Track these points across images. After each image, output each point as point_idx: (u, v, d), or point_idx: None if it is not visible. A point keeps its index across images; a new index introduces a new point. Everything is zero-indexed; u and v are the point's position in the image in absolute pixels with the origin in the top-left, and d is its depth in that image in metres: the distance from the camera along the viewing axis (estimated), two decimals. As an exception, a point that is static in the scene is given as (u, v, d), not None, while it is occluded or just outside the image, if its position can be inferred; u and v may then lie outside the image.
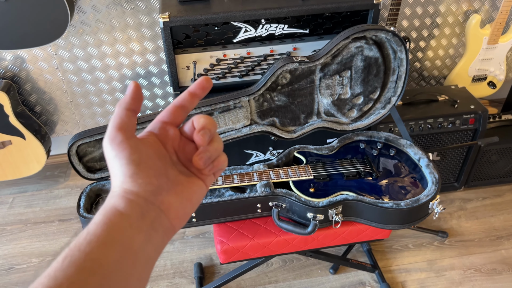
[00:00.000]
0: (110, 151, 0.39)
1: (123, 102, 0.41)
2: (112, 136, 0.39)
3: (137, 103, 0.42)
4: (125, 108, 0.41)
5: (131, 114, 0.41)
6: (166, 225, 0.40)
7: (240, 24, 1.51)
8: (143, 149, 0.40)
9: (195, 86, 0.46)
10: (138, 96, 0.42)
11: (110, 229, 0.36)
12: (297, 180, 1.31)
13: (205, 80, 0.46)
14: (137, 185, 0.39)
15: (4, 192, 2.15)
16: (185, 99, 0.45)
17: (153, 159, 0.41)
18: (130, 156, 0.39)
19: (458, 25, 2.20)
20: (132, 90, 0.42)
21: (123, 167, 0.39)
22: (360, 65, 1.40)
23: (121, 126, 0.40)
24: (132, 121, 0.41)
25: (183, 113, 0.45)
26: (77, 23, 1.92)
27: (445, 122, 1.81)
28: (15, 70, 2.00)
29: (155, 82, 2.16)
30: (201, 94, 0.46)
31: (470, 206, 2.04)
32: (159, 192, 0.40)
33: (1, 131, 1.88)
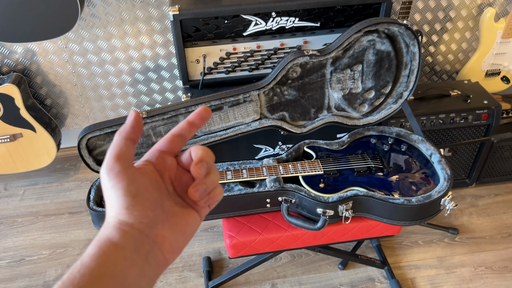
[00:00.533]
0: (108, 181, 0.39)
1: (123, 132, 0.41)
2: (110, 166, 0.39)
3: (136, 132, 0.42)
4: (124, 137, 0.41)
5: (130, 143, 0.41)
6: (159, 258, 0.39)
7: (250, 17, 1.50)
8: (140, 180, 0.40)
9: (193, 116, 0.46)
10: (138, 126, 0.42)
11: (103, 262, 0.35)
12: (307, 175, 1.30)
13: (204, 110, 0.46)
14: (132, 217, 0.38)
15: (15, 185, 2.17)
16: (183, 128, 0.45)
17: (149, 191, 0.40)
18: (127, 187, 0.39)
19: (472, 19, 2.16)
20: (132, 119, 0.42)
21: (120, 198, 0.39)
22: (372, 59, 1.38)
23: (119, 156, 0.40)
24: (131, 151, 0.41)
25: (181, 142, 0.45)
26: (87, 16, 1.92)
27: (457, 118, 1.78)
28: (25, 63, 2.01)
29: (164, 76, 2.16)
30: (199, 123, 0.46)
31: (482, 203, 2.01)
32: (154, 225, 0.39)
33: (12, 124, 1.90)
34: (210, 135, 1.40)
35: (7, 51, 1.97)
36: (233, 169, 1.37)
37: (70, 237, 1.91)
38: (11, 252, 1.84)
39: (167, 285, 1.70)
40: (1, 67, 2.01)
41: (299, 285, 1.69)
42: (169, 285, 1.70)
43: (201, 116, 0.46)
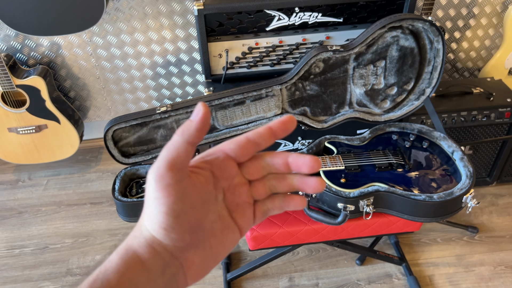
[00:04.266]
0: (153, 191, 0.34)
1: (186, 132, 0.33)
2: (161, 174, 0.33)
3: (202, 135, 0.34)
4: (187, 141, 0.34)
5: (192, 148, 0.34)
6: (181, 283, 0.36)
7: (273, 12, 1.50)
8: (189, 196, 0.35)
9: (277, 124, 0.38)
10: (206, 127, 0.34)
11: (126, 281, 0.33)
12: (328, 170, 1.31)
13: (289, 119, 0.38)
14: (169, 239, 0.35)
15: (39, 175, 2.23)
16: (262, 136, 0.38)
17: (195, 210, 0.35)
18: (172, 205, 0.34)
19: (496, 16, 2.13)
20: (200, 118, 0.34)
21: (161, 216, 0.34)
22: (395, 55, 1.37)
23: (174, 163, 0.33)
24: (189, 157, 0.34)
25: (253, 150, 0.38)
26: (111, 10, 1.95)
27: (480, 115, 1.77)
28: (51, 56, 2.06)
29: (185, 70, 2.18)
30: (280, 134, 0.38)
31: (502, 202, 1.99)
32: (188, 249, 0.36)
33: (38, 115, 1.95)
34: (232, 129, 1.42)
35: (34, 44, 2.01)
36: (254, 162, 1.38)
37: (92, 226, 1.95)
38: (35, 240, 1.90)
39: (186, 276, 1.73)
40: (28, 60, 2.06)
41: (317, 279, 1.70)
42: (188, 276, 1.73)
43: (285, 127, 0.38)
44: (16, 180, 2.21)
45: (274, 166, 0.39)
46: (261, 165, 0.39)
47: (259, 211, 0.40)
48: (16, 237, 1.91)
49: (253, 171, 0.39)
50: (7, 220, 1.99)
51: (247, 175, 0.39)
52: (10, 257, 1.83)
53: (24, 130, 1.98)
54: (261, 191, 0.40)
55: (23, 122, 1.95)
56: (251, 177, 0.39)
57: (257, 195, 0.40)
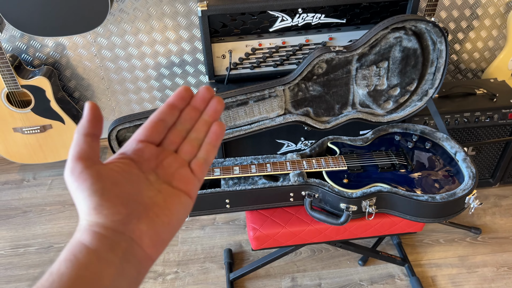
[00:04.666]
0: (71, 183, 0.36)
1: (80, 128, 0.38)
2: (71, 167, 0.36)
3: (95, 125, 0.38)
4: (83, 134, 0.37)
5: (91, 139, 0.37)
6: (140, 255, 0.36)
7: (277, 13, 1.51)
8: (108, 176, 0.37)
9: (173, 97, 0.42)
10: (96, 118, 0.38)
11: (75, 266, 0.33)
12: (330, 171, 1.32)
13: (184, 89, 0.42)
14: (103, 217, 0.35)
15: (44, 174, 2.24)
16: (164, 113, 0.41)
17: (120, 186, 0.37)
18: (92, 186, 0.35)
19: (500, 17, 2.13)
20: (88, 112, 0.38)
21: (86, 199, 0.35)
22: (398, 56, 1.38)
23: (80, 155, 0.36)
24: (93, 147, 0.37)
25: (163, 128, 0.41)
26: (116, 11, 1.96)
27: (483, 116, 1.77)
28: (56, 57, 2.07)
29: (189, 71, 2.19)
30: (181, 105, 0.42)
31: (506, 203, 1.99)
32: (129, 221, 0.36)
33: (43, 115, 1.96)
34: (235, 129, 1.43)
35: (39, 44, 2.03)
36: (257, 163, 1.39)
37: (96, 226, 1.96)
38: (40, 239, 1.91)
39: (189, 276, 1.74)
40: (33, 60, 2.08)
41: (319, 280, 1.71)
42: (191, 276, 1.74)
43: (181, 97, 0.42)
44: (21, 179, 2.22)
45: (187, 121, 0.43)
46: (177, 130, 0.42)
47: (197, 166, 0.42)
48: (21, 236, 1.93)
49: (173, 139, 0.42)
50: (12, 219, 2.01)
51: (170, 146, 0.42)
52: (14, 256, 1.84)
53: (29, 130, 1.99)
54: (189, 150, 0.42)
55: (28, 122, 1.97)
56: (174, 146, 0.42)
57: (188, 155, 0.42)
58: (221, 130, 0.43)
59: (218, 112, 0.43)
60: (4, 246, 1.88)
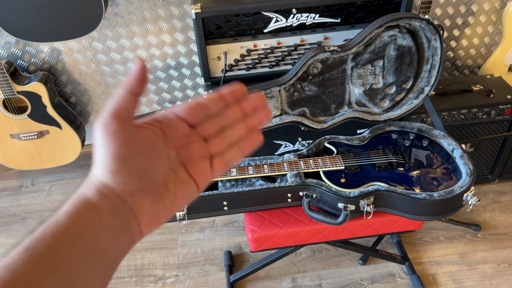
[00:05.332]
0: (100, 137, 0.36)
1: (127, 84, 0.37)
2: (106, 121, 0.35)
3: (141, 85, 0.37)
4: (128, 91, 0.37)
5: (133, 98, 0.37)
6: (135, 228, 0.37)
7: (271, 14, 1.51)
8: (135, 144, 0.36)
9: (227, 89, 0.42)
10: (143, 78, 0.37)
11: (79, 222, 0.33)
12: (328, 170, 1.32)
13: (239, 86, 0.42)
14: (116, 182, 0.36)
15: (42, 180, 2.24)
16: (212, 101, 0.41)
17: (142, 157, 0.37)
18: (117, 150, 0.35)
19: (495, 13, 2.13)
20: (137, 70, 0.37)
21: (107, 160, 0.36)
22: (393, 54, 1.38)
23: (118, 112, 0.36)
24: (132, 107, 0.37)
25: (203, 114, 0.41)
26: (111, 15, 1.96)
27: (480, 113, 1.76)
28: (52, 62, 2.07)
29: (185, 73, 2.19)
30: (230, 99, 0.42)
31: (505, 199, 1.98)
32: (136, 194, 0.37)
33: (39, 121, 1.96)
34: (232, 131, 1.42)
35: (34, 50, 2.03)
36: (254, 164, 1.39)
37: (95, 231, 1.96)
38: (39, 245, 1.91)
39: (189, 279, 1.73)
40: (29, 66, 2.07)
41: (320, 280, 1.71)
42: (191, 279, 1.73)
43: (235, 93, 0.41)
44: (19, 186, 2.22)
45: (229, 118, 0.42)
46: (216, 121, 0.42)
47: (219, 164, 0.42)
48: (20, 243, 1.92)
49: (209, 128, 0.41)
50: (11, 226, 2.00)
51: (202, 132, 0.41)
52: (14, 263, 1.83)
53: (26, 136, 1.99)
54: (218, 145, 0.42)
55: (25, 128, 1.97)
56: (206, 134, 0.41)
57: (215, 149, 0.42)
58: (257, 140, 0.43)
59: (262, 123, 0.43)
60: (3, 253, 1.88)
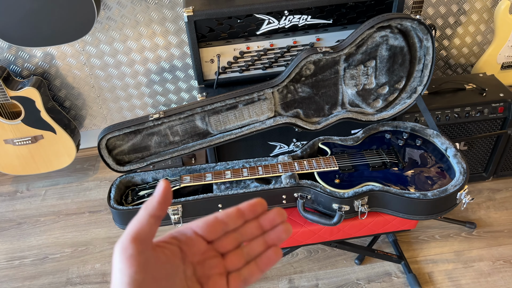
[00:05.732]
0: (118, 262, 0.36)
1: (150, 207, 0.37)
2: (125, 246, 0.36)
3: (164, 208, 0.38)
4: (150, 214, 0.37)
5: (154, 221, 0.37)
6: None
7: (263, 16, 1.51)
8: (152, 267, 0.36)
9: (246, 205, 0.41)
10: (167, 200, 0.38)
11: None
12: (322, 171, 1.32)
13: (259, 202, 0.41)
14: None
15: (37, 185, 2.23)
16: (231, 217, 0.41)
17: (158, 281, 0.37)
18: (134, 275, 0.35)
19: (487, 11, 2.14)
20: (161, 192, 0.38)
21: (123, 286, 0.35)
22: (385, 54, 1.38)
23: (138, 236, 0.36)
24: (153, 230, 0.37)
25: (221, 230, 0.41)
26: (103, 19, 1.96)
27: (473, 111, 1.77)
28: (45, 67, 2.07)
29: (179, 76, 2.19)
30: (249, 216, 0.41)
31: (499, 197, 1.99)
32: None
33: (34, 126, 1.95)
34: (226, 134, 1.43)
35: (27, 55, 2.02)
36: (248, 166, 1.39)
37: (91, 235, 1.96)
38: (35, 251, 1.90)
39: (186, 281, 1.73)
40: (22, 71, 2.07)
41: (316, 280, 1.71)
42: (188, 281, 1.73)
43: (254, 208, 0.41)
44: (14, 191, 2.21)
45: (247, 234, 0.41)
46: (233, 237, 0.41)
47: (235, 281, 0.41)
48: (16, 248, 1.92)
49: (226, 244, 0.41)
50: (6, 232, 1.99)
51: (219, 248, 0.41)
52: (10, 269, 1.83)
53: (20, 141, 1.99)
54: (235, 261, 0.41)
55: (19, 133, 1.96)
56: (223, 249, 0.41)
57: (232, 266, 0.41)
58: (275, 257, 0.42)
59: (280, 241, 0.42)
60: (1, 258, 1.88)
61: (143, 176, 1.38)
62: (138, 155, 1.39)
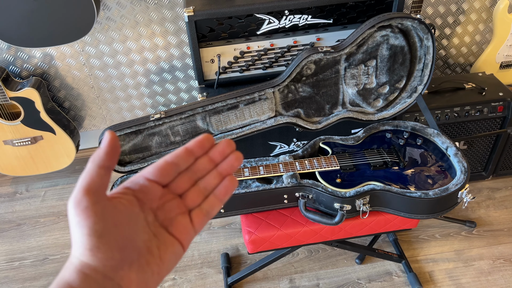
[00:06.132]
0: (74, 216, 0.35)
1: (96, 158, 0.36)
2: (78, 199, 0.35)
3: (112, 158, 0.37)
4: (98, 165, 0.36)
5: (104, 172, 0.37)
6: None
7: (263, 16, 1.51)
8: (110, 216, 0.36)
9: (193, 143, 0.41)
10: (114, 150, 0.37)
11: None
12: (323, 171, 1.32)
13: (206, 138, 0.42)
14: (96, 260, 0.35)
15: (37, 186, 2.23)
16: (179, 156, 0.41)
17: (120, 227, 0.36)
18: (93, 225, 0.35)
19: (485, 11, 2.15)
20: (107, 143, 0.37)
21: (84, 238, 0.35)
22: (385, 54, 1.39)
23: (89, 188, 0.35)
24: (104, 181, 0.37)
25: (173, 171, 0.41)
26: (103, 20, 1.95)
27: (473, 110, 1.78)
28: (44, 67, 2.06)
29: (179, 76, 2.19)
30: (198, 152, 0.42)
31: (499, 196, 2.00)
32: (121, 267, 0.36)
33: (33, 127, 1.95)
34: (227, 133, 1.42)
35: (26, 56, 2.02)
36: (250, 166, 1.39)
37: (91, 236, 1.95)
38: (35, 252, 1.90)
39: (186, 282, 1.73)
40: (21, 72, 2.06)
41: (317, 280, 1.71)
42: (189, 282, 1.73)
43: (201, 144, 0.42)
44: (13, 192, 2.21)
45: (199, 170, 0.42)
46: (187, 176, 0.42)
47: (198, 217, 0.42)
48: (16, 250, 1.91)
49: (181, 184, 0.41)
50: (6, 233, 1.99)
51: (176, 190, 0.41)
52: (10, 270, 1.82)
53: (20, 142, 1.98)
54: (194, 198, 0.42)
55: (18, 134, 1.95)
56: (180, 190, 0.42)
57: (192, 203, 0.42)
58: (232, 186, 0.43)
59: (234, 168, 0.43)
60: None
61: (144, 176, 1.38)
62: (139, 155, 1.39)
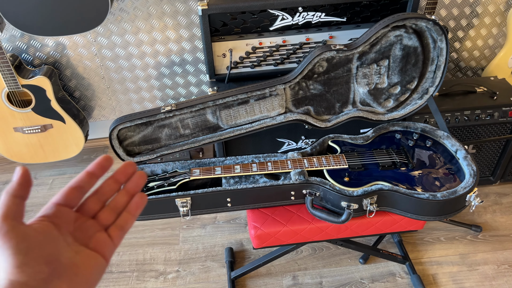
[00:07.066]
0: None
1: (10, 189, 0.40)
2: None
3: (25, 189, 0.40)
4: (12, 195, 0.40)
5: (19, 201, 0.40)
6: None
7: (277, 12, 1.51)
8: (32, 237, 0.39)
9: (93, 165, 0.45)
10: (26, 182, 0.41)
11: None
12: (331, 169, 1.32)
13: (104, 159, 0.45)
14: (25, 275, 0.37)
15: (45, 174, 2.24)
16: (82, 180, 0.44)
17: (43, 246, 0.39)
18: (17, 245, 0.37)
19: (499, 15, 2.13)
20: (19, 176, 0.40)
21: (10, 258, 0.37)
22: (398, 54, 1.38)
23: (7, 214, 0.38)
24: (20, 208, 0.40)
25: (80, 194, 0.44)
26: (116, 11, 1.96)
27: (483, 114, 1.77)
28: (56, 56, 2.08)
29: (189, 70, 2.19)
30: (100, 173, 0.45)
31: (506, 201, 1.99)
32: (51, 280, 0.38)
33: (43, 115, 1.96)
34: (236, 128, 1.43)
35: (39, 44, 2.03)
36: (258, 161, 1.39)
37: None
38: (41, 239, 1.91)
39: (190, 274, 1.74)
40: (33, 60, 2.08)
41: (320, 278, 1.71)
42: (192, 274, 1.74)
43: (101, 166, 0.45)
44: (21, 179, 2.22)
45: (106, 192, 0.47)
46: (96, 198, 0.46)
47: (114, 232, 0.46)
48: (22, 236, 1.93)
49: (92, 206, 0.46)
50: (13, 219, 2.01)
51: (88, 212, 0.46)
52: (16, 256, 1.84)
53: (30, 130, 2.00)
54: (107, 217, 0.46)
55: (29, 121, 1.97)
56: (92, 212, 0.46)
57: (106, 222, 0.46)
58: (142, 202, 0.47)
59: (140, 185, 0.48)
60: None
61: (152, 167, 1.39)
62: (148, 146, 1.39)
